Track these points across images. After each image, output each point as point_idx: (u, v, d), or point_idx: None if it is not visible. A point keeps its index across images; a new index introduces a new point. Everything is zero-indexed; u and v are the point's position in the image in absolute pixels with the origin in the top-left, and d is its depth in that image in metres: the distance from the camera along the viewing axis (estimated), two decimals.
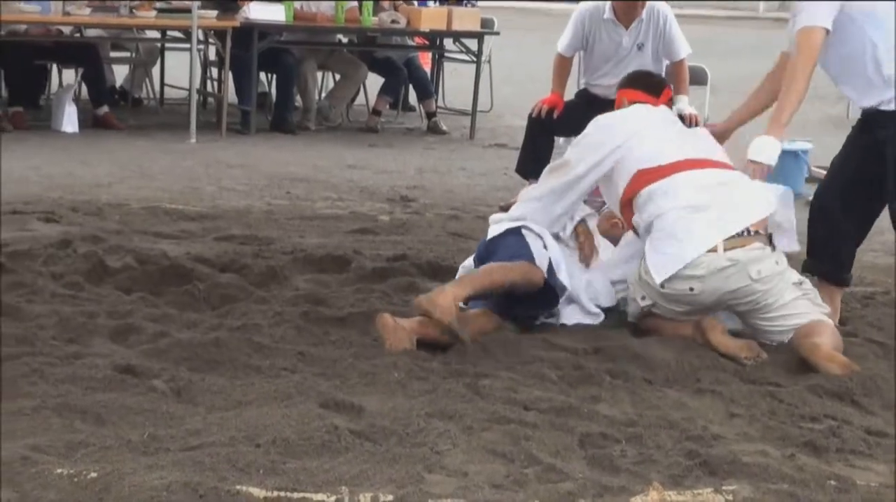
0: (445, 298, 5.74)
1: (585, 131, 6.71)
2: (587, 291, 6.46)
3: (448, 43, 13.57)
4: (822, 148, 10.78)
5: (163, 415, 4.74)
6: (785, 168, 10.18)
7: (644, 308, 6.28)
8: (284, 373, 5.30)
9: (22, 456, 4.25)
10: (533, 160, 9.12)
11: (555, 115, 9.00)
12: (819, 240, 6.66)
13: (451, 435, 4.67)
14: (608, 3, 9.10)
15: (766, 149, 6.29)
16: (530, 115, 9.29)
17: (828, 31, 6.24)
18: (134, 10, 12.09)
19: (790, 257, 6.31)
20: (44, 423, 4.57)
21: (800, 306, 6.08)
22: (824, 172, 9.44)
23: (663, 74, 9.21)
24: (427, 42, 13.70)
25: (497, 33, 13.35)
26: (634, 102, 6.79)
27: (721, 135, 7.09)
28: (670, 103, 7.01)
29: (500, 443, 4.64)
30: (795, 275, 6.21)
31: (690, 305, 6.10)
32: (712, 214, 6.16)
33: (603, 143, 6.52)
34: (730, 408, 5.16)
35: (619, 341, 5.95)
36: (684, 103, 9.07)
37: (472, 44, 13.16)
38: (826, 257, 6.65)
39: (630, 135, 6.55)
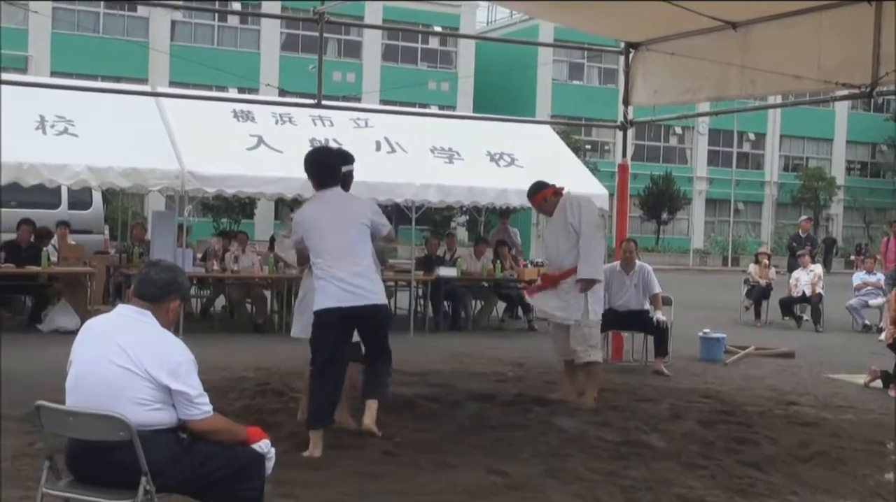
0: None
1: None
2: None
3: None
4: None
5: (416, 477, 4.79)
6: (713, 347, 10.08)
7: None
8: (468, 455, 5.30)
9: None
10: None
11: None
12: None
13: (553, 486, 4.71)
14: (619, 262, 9.26)
15: None
16: None
17: None
18: (383, 270, 12.43)
19: None
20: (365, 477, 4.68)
21: None
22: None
23: (648, 303, 9.30)
24: (527, 284, 13.76)
25: None
26: None
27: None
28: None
29: (578, 491, 4.65)
30: None
31: None
32: None
33: None
34: (697, 473, 5.07)
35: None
36: (660, 314, 9.13)
37: None
38: None
39: None
